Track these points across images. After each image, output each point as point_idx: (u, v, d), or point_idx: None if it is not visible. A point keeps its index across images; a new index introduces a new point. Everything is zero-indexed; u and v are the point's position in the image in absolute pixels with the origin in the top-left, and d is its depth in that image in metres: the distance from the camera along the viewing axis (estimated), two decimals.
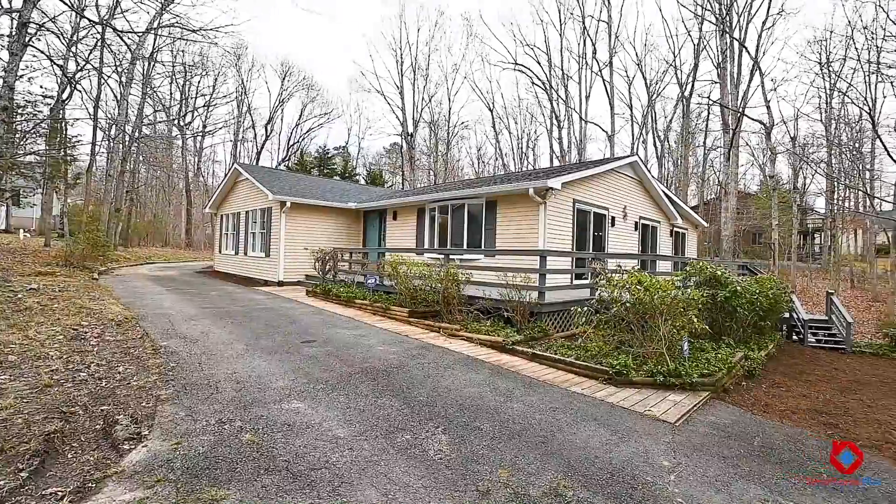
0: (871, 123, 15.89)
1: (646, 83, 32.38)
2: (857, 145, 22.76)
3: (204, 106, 37.60)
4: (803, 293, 19.39)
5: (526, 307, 7.38)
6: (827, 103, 24.01)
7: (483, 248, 10.87)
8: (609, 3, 29.81)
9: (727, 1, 21.38)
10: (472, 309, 8.07)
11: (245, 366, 4.94)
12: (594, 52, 31.29)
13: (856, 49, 21.45)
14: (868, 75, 22.27)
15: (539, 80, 33.76)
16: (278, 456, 2.93)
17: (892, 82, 23.25)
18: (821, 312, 13.98)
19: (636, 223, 13.44)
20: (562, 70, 32.85)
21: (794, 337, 12.62)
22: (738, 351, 6.66)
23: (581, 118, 31.69)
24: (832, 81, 23.33)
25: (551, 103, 33.40)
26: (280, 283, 13.70)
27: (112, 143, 23.20)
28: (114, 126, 23.52)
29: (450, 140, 41.36)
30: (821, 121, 24.42)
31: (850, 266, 24.84)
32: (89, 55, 20.32)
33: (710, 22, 23.11)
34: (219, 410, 3.64)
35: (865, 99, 22.41)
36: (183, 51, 32.50)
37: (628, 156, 12.74)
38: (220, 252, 18.52)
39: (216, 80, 37.38)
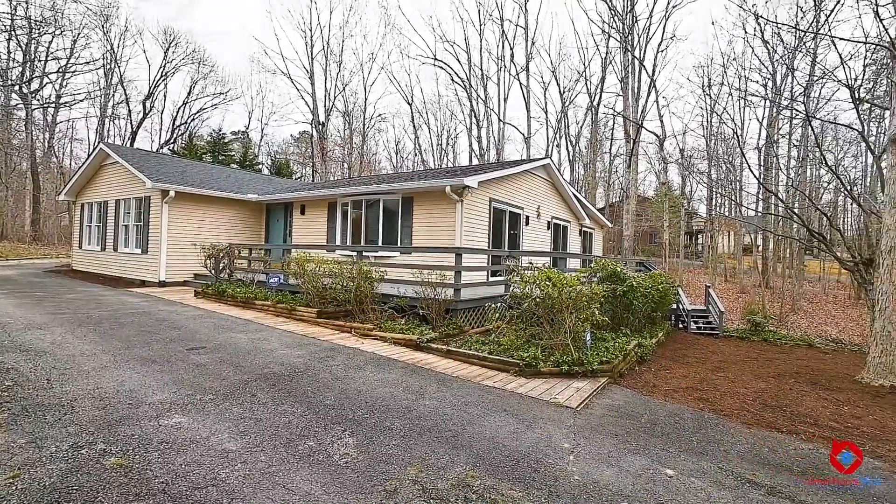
0: (738, 142, 18.60)
1: (560, 90, 34.40)
2: (730, 159, 26.46)
3: (58, 72, 30.45)
4: (688, 286, 22.06)
5: (441, 304, 7.39)
6: (708, 121, 27.68)
7: (399, 245, 10.73)
8: (526, 9, 31.27)
9: (629, 21, 23.60)
10: (386, 308, 7.90)
11: (112, 380, 4.26)
12: (512, 56, 32.58)
13: (728, 77, 25.01)
14: (736, 101, 26.06)
15: (459, 77, 34.16)
16: (153, 478, 2.56)
17: (754, 108, 27.47)
18: (701, 303, 15.97)
19: (549, 222, 14.25)
20: (481, 70, 33.65)
21: (680, 325, 14.29)
22: (633, 339, 7.31)
23: (500, 119, 32.83)
24: (711, 103, 26.98)
25: (471, 102, 33.96)
26: (162, 284, 12.19)
27: None
28: None
29: (366, 132, 39.66)
30: (703, 136, 28.04)
31: (725, 263, 28.88)
32: None
33: (615, 39, 25.33)
34: (74, 433, 3.08)
35: (734, 121, 26.19)
36: (27, 2, 26.07)
37: (542, 158, 13.43)
38: (80, 248, 15.89)
39: (75, 41, 30.46)
